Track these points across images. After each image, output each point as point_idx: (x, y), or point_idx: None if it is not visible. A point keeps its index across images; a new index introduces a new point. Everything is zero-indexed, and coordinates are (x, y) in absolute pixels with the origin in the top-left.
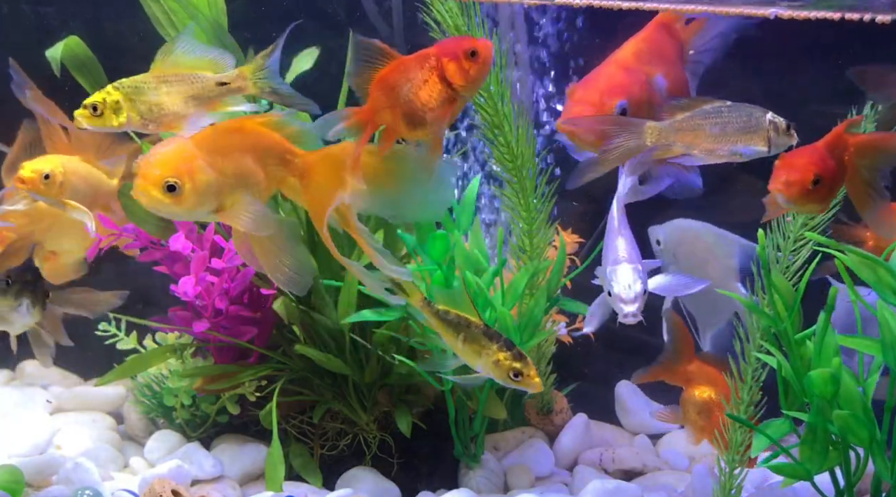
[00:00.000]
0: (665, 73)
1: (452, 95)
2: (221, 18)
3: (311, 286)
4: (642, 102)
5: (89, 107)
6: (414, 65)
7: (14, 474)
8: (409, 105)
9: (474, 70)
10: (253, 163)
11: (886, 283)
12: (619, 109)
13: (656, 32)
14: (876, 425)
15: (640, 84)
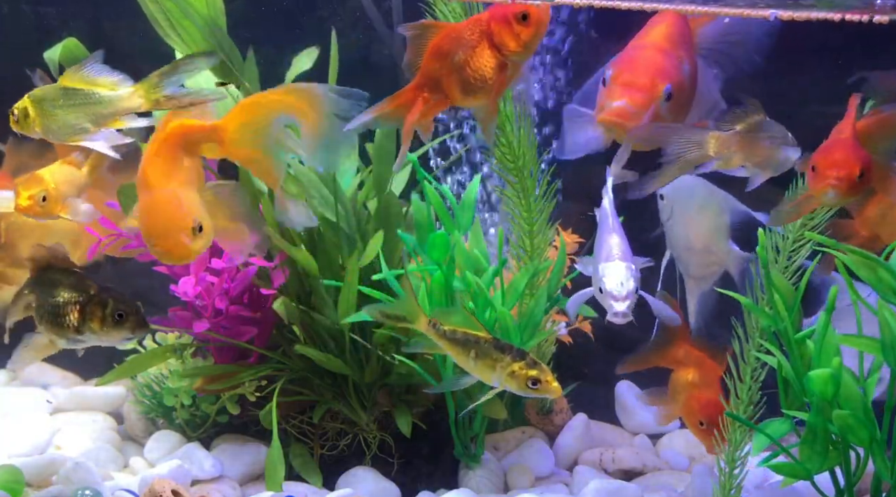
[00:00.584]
0: (689, 59)
1: (504, 61)
2: (220, 18)
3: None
4: (682, 87)
5: (11, 112)
6: (466, 31)
7: (14, 474)
8: (461, 72)
9: (525, 34)
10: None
11: (886, 283)
12: (665, 93)
13: (678, 18)
14: (876, 425)
15: (678, 68)
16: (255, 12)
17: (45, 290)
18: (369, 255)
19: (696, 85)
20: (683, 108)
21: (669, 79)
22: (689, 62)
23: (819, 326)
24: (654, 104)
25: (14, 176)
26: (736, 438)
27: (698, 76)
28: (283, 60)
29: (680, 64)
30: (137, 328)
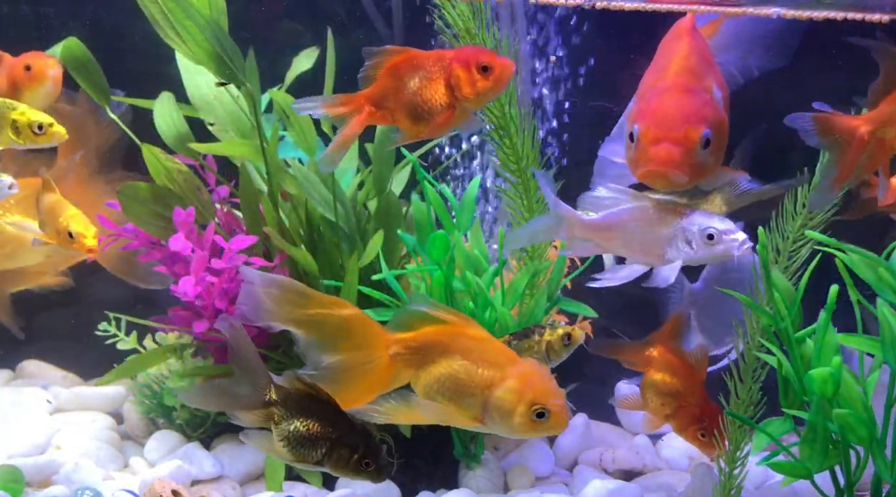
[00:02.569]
0: (718, 83)
1: (453, 102)
2: (221, 19)
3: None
4: (719, 123)
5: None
6: (427, 62)
7: (14, 474)
8: (411, 98)
9: (482, 85)
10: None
11: (886, 283)
12: (703, 140)
13: (693, 41)
14: (876, 424)
15: (711, 105)
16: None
17: (296, 414)
18: (369, 255)
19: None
20: (723, 140)
21: (705, 122)
22: (720, 86)
23: (819, 326)
24: (692, 156)
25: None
26: (736, 438)
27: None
28: (284, 61)
29: (711, 99)
30: (378, 477)
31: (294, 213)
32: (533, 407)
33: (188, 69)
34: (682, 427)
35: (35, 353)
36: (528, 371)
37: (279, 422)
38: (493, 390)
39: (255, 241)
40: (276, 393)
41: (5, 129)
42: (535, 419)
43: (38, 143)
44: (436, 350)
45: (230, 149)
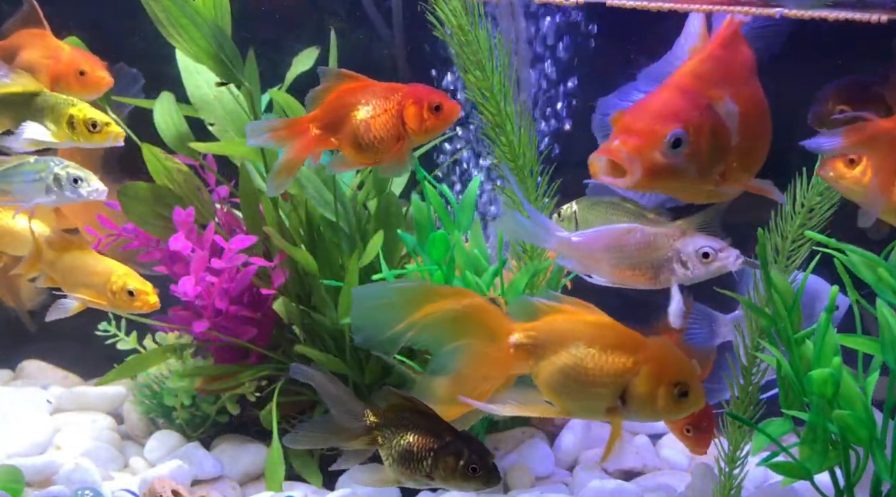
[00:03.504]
0: (735, 94)
1: (403, 135)
2: (225, 19)
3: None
4: (703, 130)
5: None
6: (379, 92)
7: (14, 474)
8: (360, 127)
9: (431, 122)
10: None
11: (886, 283)
12: (671, 138)
13: (721, 48)
14: (876, 425)
15: (701, 109)
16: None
17: (398, 431)
18: (369, 255)
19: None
20: (717, 154)
21: (682, 122)
22: (740, 98)
23: (819, 326)
24: (652, 152)
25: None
26: (736, 438)
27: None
28: (284, 61)
29: (704, 105)
30: (489, 483)
31: (294, 213)
32: (675, 387)
33: (188, 69)
34: (672, 422)
35: (35, 353)
36: (660, 351)
37: (384, 443)
38: (629, 377)
39: (255, 241)
40: (375, 415)
41: (62, 125)
42: (678, 399)
43: (93, 141)
44: (559, 339)
45: (230, 149)
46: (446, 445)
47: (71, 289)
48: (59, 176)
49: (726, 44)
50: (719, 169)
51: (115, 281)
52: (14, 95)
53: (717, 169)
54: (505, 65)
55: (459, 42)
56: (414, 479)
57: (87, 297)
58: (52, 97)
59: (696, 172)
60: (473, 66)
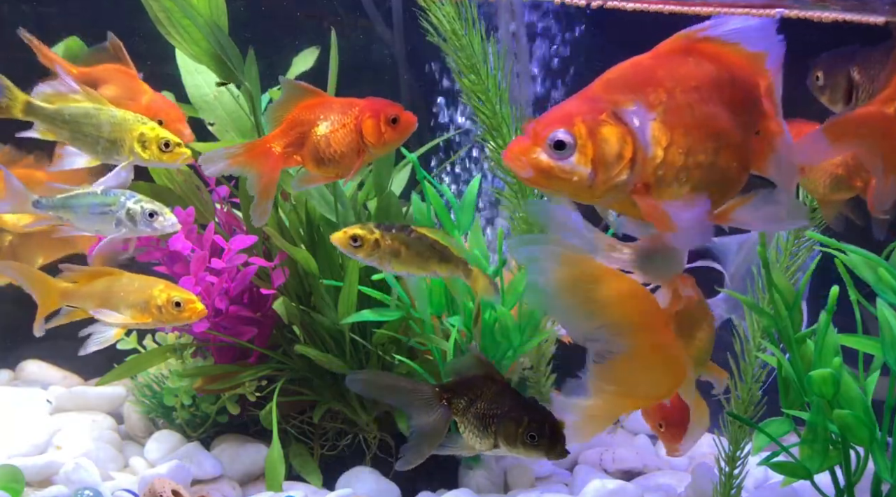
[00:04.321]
0: (653, 103)
1: (362, 148)
2: (221, 19)
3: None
4: (596, 135)
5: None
6: (338, 108)
7: (14, 474)
8: (321, 142)
9: (389, 135)
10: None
11: (886, 283)
12: (552, 140)
13: (652, 58)
14: (876, 425)
15: (595, 115)
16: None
17: (470, 399)
18: None
19: (685, 139)
20: (623, 162)
21: (564, 125)
22: (657, 105)
23: (819, 326)
24: (537, 153)
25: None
26: (736, 438)
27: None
28: (284, 61)
29: (602, 109)
30: (550, 453)
31: (294, 213)
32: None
33: (188, 69)
34: (647, 414)
35: (35, 353)
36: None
37: (457, 412)
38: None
39: (255, 241)
40: (445, 389)
41: (133, 142)
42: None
43: (163, 160)
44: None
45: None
46: (508, 412)
47: (102, 303)
48: (132, 210)
49: (661, 54)
50: (631, 179)
51: (159, 295)
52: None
53: (627, 178)
54: (499, 68)
55: (454, 47)
56: (485, 446)
57: (130, 318)
58: (120, 113)
59: (596, 178)
60: (468, 70)
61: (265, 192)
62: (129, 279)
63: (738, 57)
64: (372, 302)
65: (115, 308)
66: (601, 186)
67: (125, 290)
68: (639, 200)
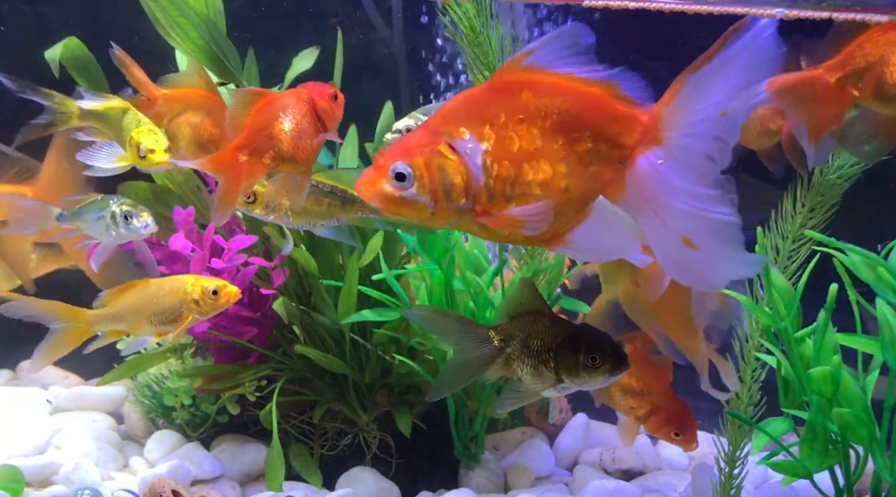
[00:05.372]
0: (482, 135)
1: (322, 130)
2: (219, 19)
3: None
4: (432, 166)
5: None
6: (291, 101)
7: (14, 474)
8: (288, 138)
9: (336, 111)
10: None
11: (886, 283)
12: (392, 172)
13: (485, 90)
14: (875, 424)
15: (431, 146)
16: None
17: (522, 340)
18: (369, 255)
19: (512, 167)
20: (458, 190)
21: (407, 158)
22: (485, 138)
23: (818, 325)
24: (383, 184)
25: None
26: (736, 438)
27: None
28: (284, 61)
29: (437, 142)
30: (615, 370)
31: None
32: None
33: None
34: (656, 428)
35: None
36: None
37: (514, 357)
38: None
39: (255, 241)
40: (500, 333)
41: (130, 147)
42: None
43: (139, 164)
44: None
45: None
46: (563, 342)
47: (142, 329)
48: (114, 214)
49: (494, 86)
50: (468, 204)
51: (192, 290)
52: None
53: (465, 204)
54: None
55: (470, 43)
56: (548, 383)
57: (173, 323)
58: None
59: (436, 206)
60: (483, 67)
61: (225, 199)
62: (157, 285)
63: (583, 85)
64: (372, 302)
65: (150, 317)
66: (442, 213)
67: (157, 296)
68: (481, 220)
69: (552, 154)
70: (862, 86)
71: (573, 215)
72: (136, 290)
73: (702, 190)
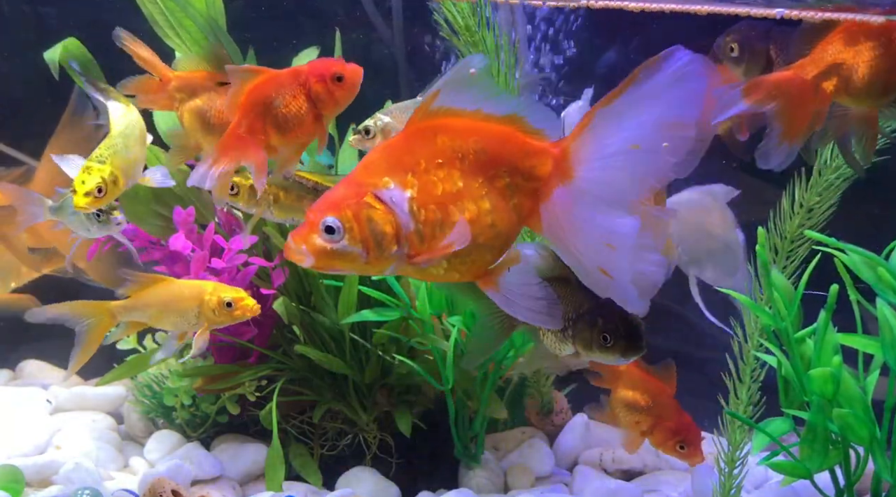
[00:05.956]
0: (405, 183)
1: (318, 114)
2: (219, 19)
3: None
4: (360, 217)
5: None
6: (286, 80)
7: (14, 474)
8: (279, 118)
9: (339, 93)
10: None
11: (886, 283)
12: (322, 227)
13: (402, 139)
14: (876, 424)
15: (357, 197)
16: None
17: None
18: None
19: (435, 211)
20: (389, 238)
21: (336, 211)
22: (409, 185)
23: (819, 326)
24: (315, 239)
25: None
26: (736, 438)
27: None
28: (284, 60)
29: (363, 193)
30: (627, 353)
31: None
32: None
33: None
34: (660, 442)
35: (35, 353)
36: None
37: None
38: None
39: (255, 241)
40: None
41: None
42: None
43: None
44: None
45: None
46: (582, 315)
47: (162, 323)
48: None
49: (410, 133)
50: (401, 251)
51: (210, 298)
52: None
53: (397, 251)
54: (510, 65)
55: (466, 43)
56: (567, 349)
57: (187, 328)
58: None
59: (369, 255)
60: None
61: (260, 172)
62: (179, 286)
63: (493, 123)
64: (372, 302)
65: (171, 315)
66: (376, 261)
67: (179, 297)
68: (416, 262)
69: (474, 192)
70: (836, 83)
71: (502, 248)
72: (160, 286)
73: (615, 221)
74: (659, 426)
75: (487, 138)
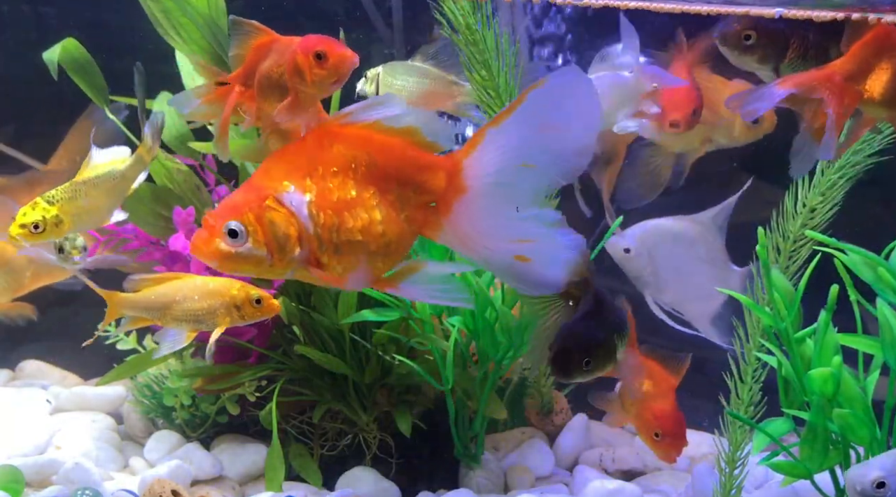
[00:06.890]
0: (304, 187)
1: (294, 87)
2: (221, 19)
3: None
4: (262, 220)
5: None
6: (281, 47)
7: (14, 474)
8: (262, 81)
9: (318, 72)
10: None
11: (886, 283)
12: (225, 230)
13: (303, 143)
14: (876, 424)
15: (258, 201)
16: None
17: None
18: None
19: (336, 215)
20: (291, 240)
21: (237, 215)
22: (307, 189)
23: (819, 326)
24: (217, 243)
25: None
26: (736, 438)
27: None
28: None
29: (263, 197)
30: (567, 375)
31: None
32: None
33: (188, 68)
34: (641, 427)
35: (35, 353)
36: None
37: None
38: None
39: None
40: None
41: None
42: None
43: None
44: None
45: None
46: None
47: (178, 321)
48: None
49: (308, 142)
50: (304, 254)
51: (238, 294)
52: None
53: (300, 254)
54: (511, 64)
55: (466, 41)
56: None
57: (210, 324)
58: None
59: (273, 257)
60: (479, 66)
61: (224, 128)
62: (197, 284)
63: (388, 136)
64: (372, 302)
65: (182, 313)
66: (280, 264)
67: (196, 294)
68: (310, 272)
69: (366, 202)
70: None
71: (395, 257)
72: (173, 283)
73: (511, 230)
74: (645, 411)
75: (380, 151)
